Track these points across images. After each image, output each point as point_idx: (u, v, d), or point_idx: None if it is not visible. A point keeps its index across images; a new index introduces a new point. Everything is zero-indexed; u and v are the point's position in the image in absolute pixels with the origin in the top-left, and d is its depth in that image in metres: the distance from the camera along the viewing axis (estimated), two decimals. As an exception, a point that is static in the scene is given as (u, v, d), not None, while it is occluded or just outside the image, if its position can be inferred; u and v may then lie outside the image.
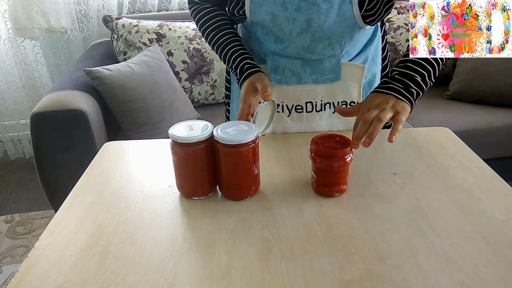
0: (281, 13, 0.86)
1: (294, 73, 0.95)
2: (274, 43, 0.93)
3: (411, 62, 0.83)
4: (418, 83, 0.82)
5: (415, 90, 0.82)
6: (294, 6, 0.84)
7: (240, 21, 0.96)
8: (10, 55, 2.26)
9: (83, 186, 0.83)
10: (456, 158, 0.89)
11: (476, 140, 1.85)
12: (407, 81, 0.82)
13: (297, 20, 0.86)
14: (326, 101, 0.99)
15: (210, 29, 0.96)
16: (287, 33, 0.89)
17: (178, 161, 0.75)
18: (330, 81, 0.96)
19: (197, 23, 1.00)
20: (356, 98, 0.98)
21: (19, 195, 2.26)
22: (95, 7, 2.26)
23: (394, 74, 0.84)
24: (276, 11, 0.86)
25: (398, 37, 2.16)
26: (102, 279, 0.60)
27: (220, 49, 0.95)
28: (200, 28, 0.99)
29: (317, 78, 0.95)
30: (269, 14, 0.87)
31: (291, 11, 0.85)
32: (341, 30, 0.89)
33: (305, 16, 0.86)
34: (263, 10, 0.87)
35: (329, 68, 0.94)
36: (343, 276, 0.59)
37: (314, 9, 0.84)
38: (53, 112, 1.50)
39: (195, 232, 0.69)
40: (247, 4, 0.89)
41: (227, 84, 1.09)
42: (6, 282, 1.67)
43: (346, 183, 0.77)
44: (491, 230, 0.67)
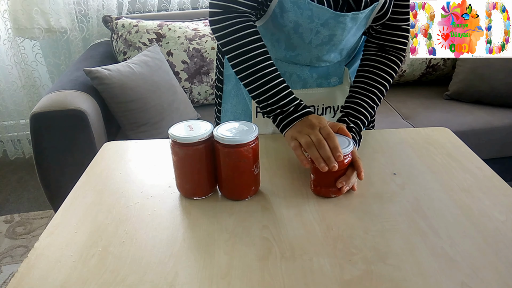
0: (306, 24, 0.85)
1: (301, 79, 0.96)
2: (284, 49, 0.92)
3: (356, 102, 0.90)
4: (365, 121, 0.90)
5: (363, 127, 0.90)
6: (321, 21, 0.83)
7: (257, 19, 0.90)
8: (9, 55, 2.25)
9: (83, 186, 0.83)
10: (456, 158, 0.89)
11: (476, 140, 1.85)
12: (360, 124, 0.88)
13: (320, 33, 0.86)
14: (327, 105, 0.99)
15: (253, 59, 0.83)
16: (306, 42, 0.88)
17: (178, 161, 0.75)
18: (333, 85, 0.97)
19: (232, 43, 0.83)
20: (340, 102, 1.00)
21: (19, 195, 2.26)
22: (95, 7, 2.25)
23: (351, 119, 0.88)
24: (301, 21, 0.84)
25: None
26: (102, 279, 0.60)
27: (264, 81, 0.83)
28: (234, 50, 0.83)
29: (322, 82, 0.96)
30: (293, 22, 0.85)
31: (316, 25, 0.84)
32: (354, 40, 0.92)
33: (330, 31, 0.85)
34: (289, 16, 0.85)
35: (333, 72, 0.95)
36: (343, 276, 0.59)
37: (340, 26, 0.84)
38: (53, 112, 1.50)
39: (195, 232, 0.69)
40: (273, 5, 0.84)
41: (219, 84, 1.07)
42: (6, 282, 1.67)
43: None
44: (491, 230, 0.67)
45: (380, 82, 0.91)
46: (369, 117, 0.90)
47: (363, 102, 0.89)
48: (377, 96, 0.91)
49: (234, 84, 1.03)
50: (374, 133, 1.00)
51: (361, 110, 0.88)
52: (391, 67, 0.91)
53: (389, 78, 0.92)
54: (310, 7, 0.80)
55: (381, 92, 0.91)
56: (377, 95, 0.90)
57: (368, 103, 0.89)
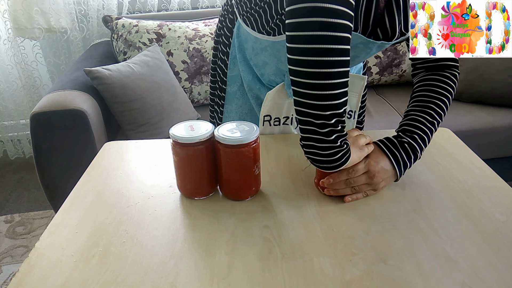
0: None
1: None
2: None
3: (419, 127, 0.81)
4: (416, 158, 0.80)
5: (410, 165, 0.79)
6: (350, 45, 0.82)
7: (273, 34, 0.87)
8: (10, 55, 2.25)
9: (84, 186, 0.83)
10: (456, 158, 0.89)
11: (476, 140, 1.85)
12: (412, 158, 0.79)
13: None
14: None
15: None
16: None
17: (179, 161, 0.75)
18: None
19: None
20: (354, 107, 1.01)
21: (19, 195, 2.26)
22: (95, 7, 2.26)
23: (406, 141, 0.79)
24: None
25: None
26: (102, 279, 0.60)
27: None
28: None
29: None
30: None
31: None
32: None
33: (355, 53, 0.84)
34: None
35: None
36: (344, 277, 0.59)
37: (366, 51, 0.84)
38: (53, 112, 1.50)
39: (196, 232, 0.69)
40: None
41: (223, 86, 1.07)
42: (6, 282, 1.66)
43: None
44: (491, 231, 0.67)
45: (438, 97, 0.84)
46: (430, 135, 0.81)
47: (421, 118, 0.82)
48: (437, 112, 0.83)
49: (240, 85, 1.03)
50: (374, 133, 1.00)
51: (419, 125, 0.81)
52: (446, 83, 0.85)
53: (446, 94, 0.85)
54: None
55: (440, 108, 0.84)
56: (436, 111, 0.83)
57: (427, 119, 0.82)
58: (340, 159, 0.70)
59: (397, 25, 0.80)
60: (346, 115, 0.70)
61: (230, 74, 1.04)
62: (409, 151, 0.78)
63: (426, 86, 0.86)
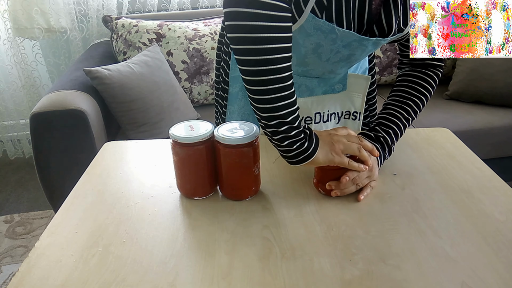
0: (328, 45, 0.83)
1: (309, 88, 0.96)
2: (296, 65, 0.91)
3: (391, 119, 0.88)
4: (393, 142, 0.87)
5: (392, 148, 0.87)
6: (344, 43, 0.82)
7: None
8: (9, 55, 2.25)
9: (84, 186, 0.83)
10: (456, 158, 0.89)
11: (476, 140, 1.85)
12: (386, 151, 0.85)
13: (340, 53, 0.85)
14: (332, 112, 1.00)
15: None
16: (323, 60, 0.87)
17: (178, 161, 0.75)
18: (337, 91, 0.97)
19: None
20: (358, 108, 1.00)
21: (18, 195, 2.26)
22: (95, 7, 2.26)
23: (384, 136, 0.86)
24: (323, 42, 0.83)
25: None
26: (102, 279, 0.60)
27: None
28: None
29: (327, 89, 0.97)
30: (314, 44, 0.83)
31: (338, 46, 0.83)
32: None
33: (350, 52, 0.85)
34: (311, 40, 0.83)
35: (338, 79, 0.96)
36: (344, 276, 0.59)
37: (361, 48, 0.84)
38: (52, 112, 1.50)
39: (196, 232, 0.69)
40: (296, 30, 0.81)
41: (225, 86, 1.07)
42: (5, 282, 1.67)
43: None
44: (491, 231, 0.67)
45: (416, 95, 0.90)
46: (403, 130, 0.88)
47: (397, 113, 0.88)
48: (413, 109, 0.89)
49: (242, 85, 1.03)
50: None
51: (395, 120, 0.88)
52: (427, 81, 0.90)
53: (425, 92, 0.90)
54: (336, 31, 0.79)
55: (417, 106, 0.90)
56: (412, 108, 0.89)
57: (403, 114, 0.88)
58: (297, 149, 0.71)
59: (394, 21, 0.80)
60: (298, 110, 0.72)
61: (232, 75, 1.03)
62: (384, 145, 0.85)
63: (408, 82, 0.91)
